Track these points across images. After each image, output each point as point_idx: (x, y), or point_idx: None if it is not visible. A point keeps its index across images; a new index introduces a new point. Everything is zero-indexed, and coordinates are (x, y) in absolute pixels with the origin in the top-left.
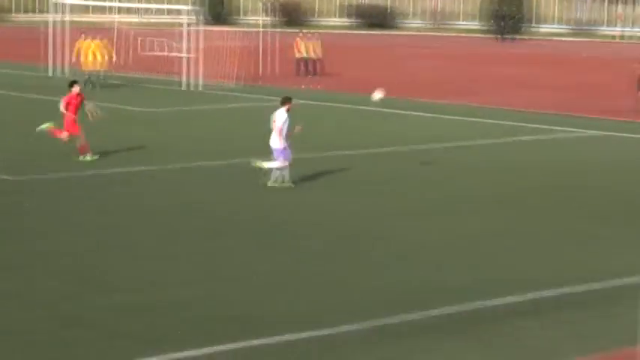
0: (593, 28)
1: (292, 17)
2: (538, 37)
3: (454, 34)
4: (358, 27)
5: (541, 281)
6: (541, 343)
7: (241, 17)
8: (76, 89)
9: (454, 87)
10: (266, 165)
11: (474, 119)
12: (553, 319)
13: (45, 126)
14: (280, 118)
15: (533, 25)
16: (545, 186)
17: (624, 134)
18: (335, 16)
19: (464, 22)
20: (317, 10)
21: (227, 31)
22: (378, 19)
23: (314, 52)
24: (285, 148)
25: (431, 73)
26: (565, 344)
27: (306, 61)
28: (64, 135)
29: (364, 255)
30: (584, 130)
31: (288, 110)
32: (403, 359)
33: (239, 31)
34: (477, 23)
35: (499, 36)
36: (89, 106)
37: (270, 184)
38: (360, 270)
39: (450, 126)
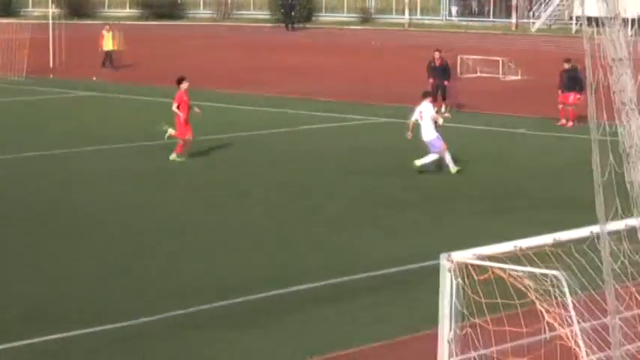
0: (382, 16)
1: (80, 9)
2: (329, 26)
3: (244, 24)
4: (147, 18)
5: (338, 268)
6: (339, 328)
7: (30, 9)
8: (184, 85)
9: (245, 77)
10: (420, 162)
11: (265, 109)
12: (351, 305)
13: (167, 132)
14: (429, 110)
15: (323, 14)
16: (344, 172)
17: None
18: (124, 8)
19: (254, 12)
20: (106, 1)
21: (16, 23)
22: (168, 10)
23: (117, 44)
24: (438, 137)
25: (222, 63)
26: (363, 329)
27: (110, 53)
28: (187, 136)
29: (155, 248)
30: (375, 118)
31: (430, 102)
32: (202, 350)
33: (28, 23)
34: (266, 13)
35: (289, 25)
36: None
37: (454, 169)
38: (153, 262)
39: (242, 115)
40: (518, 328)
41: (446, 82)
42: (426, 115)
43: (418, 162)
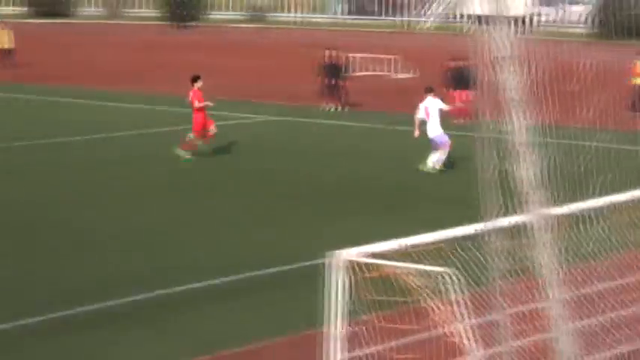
0: (272, 14)
1: None
2: (216, 24)
3: (131, 22)
4: (32, 15)
5: (226, 266)
6: (225, 327)
7: None
8: (199, 84)
9: (131, 76)
10: (432, 162)
11: (150, 107)
12: (239, 304)
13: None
14: (436, 104)
15: (214, 12)
16: (234, 170)
17: (305, 119)
18: (8, 5)
19: (144, 10)
20: None
21: None
22: (53, 7)
23: (7, 42)
24: (443, 133)
25: (108, 61)
26: (250, 328)
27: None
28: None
29: (43, 244)
30: (265, 116)
31: (435, 96)
32: (88, 351)
33: None
34: (156, 11)
35: (176, 23)
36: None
37: (438, 167)
38: (37, 260)
39: (125, 115)
40: (408, 325)
41: (338, 81)
42: (432, 110)
43: (430, 163)
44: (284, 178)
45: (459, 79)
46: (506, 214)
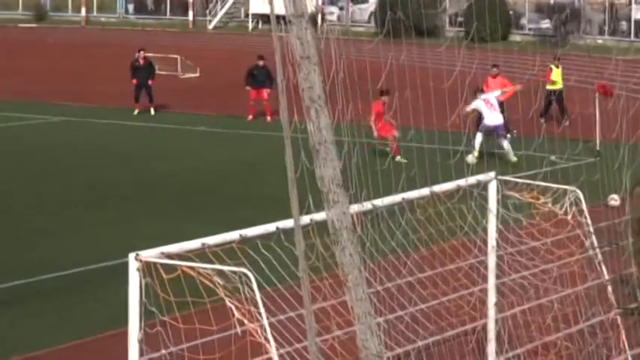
0: (57, 14)
1: None
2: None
3: None
4: None
5: (25, 269)
6: (26, 331)
7: None
8: (385, 98)
9: None
10: (511, 154)
11: None
12: (38, 307)
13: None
14: (494, 93)
15: None
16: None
17: (92, 119)
18: None
19: None
20: None
21: None
22: None
23: None
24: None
25: None
26: (50, 331)
27: None
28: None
29: None
30: (50, 117)
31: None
32: None
33: None
34: None
35: None
36: None
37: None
38: None
39: None
40: (209, 325)
41: (150, 82)
42: (493, 99)
43: (512, 157)
44: (73, 181)
45: (265, 77)
46: (309, 212)
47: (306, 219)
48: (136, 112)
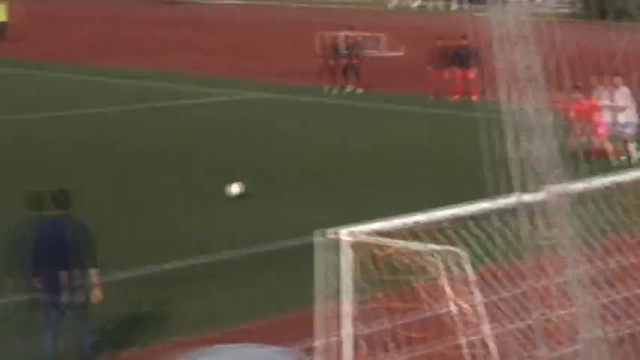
0: None
1: None
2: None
3: None
4: None
5: (213, 244)
6: (220, 305)
7: None
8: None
9: (110, 50)
10: None
11: (132, 81)
12: (230, 282)
13: None
14: (626, 92)
15: None
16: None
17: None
18: None
19: None
20: None
21: None
22: None
23: (1, 15)
24: None
25: (84, 35)
26: (245, 306)
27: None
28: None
29: None
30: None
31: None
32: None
33: None
34: None
35: None
36: None
37: None
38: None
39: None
40: (418, 303)
41: (355, 61)
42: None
43: None
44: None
45: (462, 58)
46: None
47: (512, 200)
48: (337, 90)
